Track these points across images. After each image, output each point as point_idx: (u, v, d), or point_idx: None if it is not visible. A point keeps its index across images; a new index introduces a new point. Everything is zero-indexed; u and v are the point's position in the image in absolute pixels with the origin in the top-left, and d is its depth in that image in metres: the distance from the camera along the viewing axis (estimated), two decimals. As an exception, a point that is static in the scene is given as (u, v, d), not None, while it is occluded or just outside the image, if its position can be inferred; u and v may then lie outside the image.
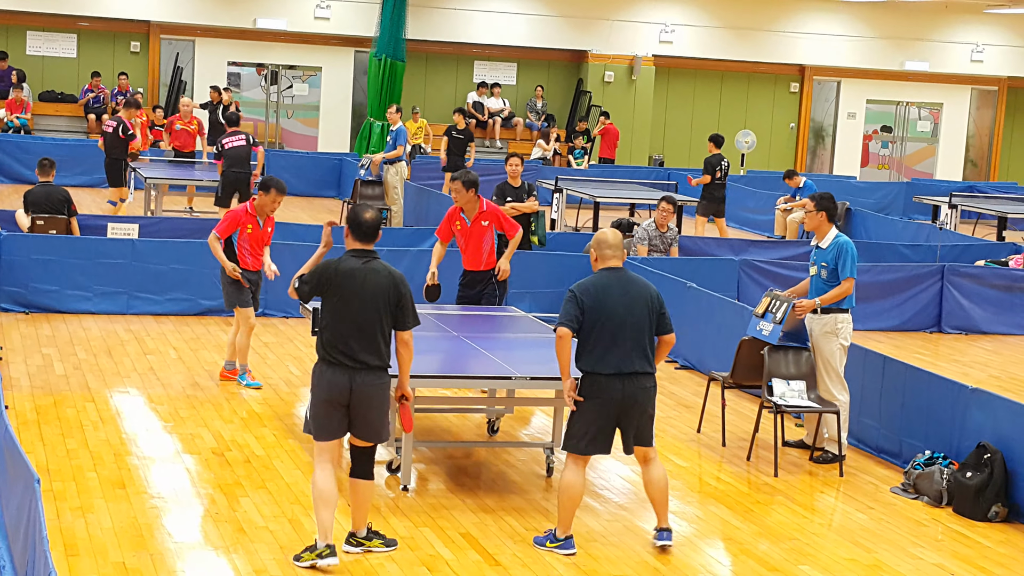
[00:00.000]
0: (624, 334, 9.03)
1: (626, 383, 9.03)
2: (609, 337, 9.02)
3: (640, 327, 9.08)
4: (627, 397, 9.04)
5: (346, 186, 26.28)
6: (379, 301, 8.63)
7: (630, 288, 9.15)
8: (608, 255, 9.25)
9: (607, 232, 9.37)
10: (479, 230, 12.88)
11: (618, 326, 9.03)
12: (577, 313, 9.03)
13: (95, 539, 8.84)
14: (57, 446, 10.77)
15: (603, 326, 9.02)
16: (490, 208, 12.93)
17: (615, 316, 9.04)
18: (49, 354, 13.83)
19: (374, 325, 8.63)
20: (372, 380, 8.66)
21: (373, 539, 8.96)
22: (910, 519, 10.42)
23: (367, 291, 8.63)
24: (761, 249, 20.14)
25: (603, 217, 24.26)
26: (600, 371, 9.03)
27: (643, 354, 9.09)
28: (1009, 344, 17.54)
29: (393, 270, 8.79)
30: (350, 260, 8.78)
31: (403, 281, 8.77)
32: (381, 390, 8.71)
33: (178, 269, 16.03)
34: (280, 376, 13.52)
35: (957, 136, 38.93)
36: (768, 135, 36.84)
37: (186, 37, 32.89)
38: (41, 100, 31.55)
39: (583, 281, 9.21)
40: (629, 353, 9.04)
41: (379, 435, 8.78)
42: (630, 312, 9.06)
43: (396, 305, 8.68)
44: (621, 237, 9.41)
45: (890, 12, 36.52)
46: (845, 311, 11.60)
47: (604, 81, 34.75)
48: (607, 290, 9.10)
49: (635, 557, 9.22)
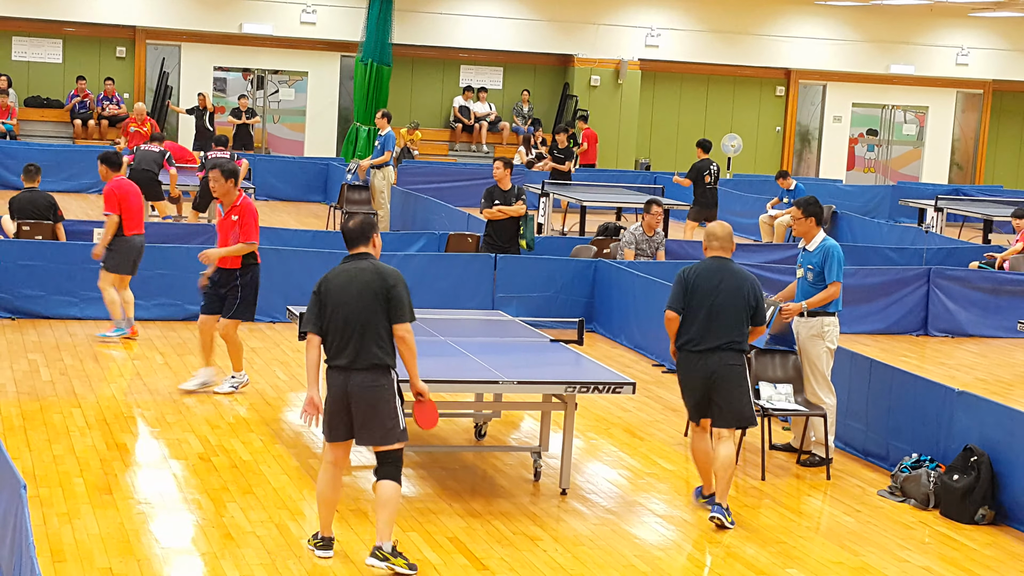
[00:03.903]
0: (719, 317, 9.97)
1: (711, 359, 9.95)
2: (705, 318, 9.97)
3: (735, 312, 9.99)
4: (709, 374, 9.96)
5: (332, 191, 26.25)
6: (367, 299, 8.60)
7: (730, 277, 10.08)
8: (715, 246, 10.22)
9: (717, 225, 10.35)
10: (228, 224, 12.76)
11: (714, 308, 9.97)
12: (682, 294, 10.06)
13: (81, 545, 8.82)
14: (43, 452, 10.75)
15: (700, 307, 10.00)
16: (244, 204, 12.76)
17: (712, 299, 9.98)
18: (35, 360, 13.80)
19: (365, 324, 8.59)
20: (367, 381, 8.60)
21: (399, 557, 8.68)
22: (897, 522, 10.44)
23: (354, 291, 8.62)
24: (748, 253, 20.15)
25: (590, 221, 24.28)
26: (691, 348, 10.02)
27: (734, 336, 9.97)
28: (995, 347, 17.58)
29: (382, 267, 8.72)
30: (339, 267, 8.80)
31: (392, 275, 8.67)
32: (378, 391, 8.61)
33: (164, 274, 16.00)
34: (267, 381, 13.50)
35: (943, 139, 39.00)
36: (754, 139, 36.88)
37: (172, 42, 32.84)
38: (27, 105, 31.50)
39: (690, 266, 10.26)
40: (721, 334, 9.94)
41: (384, 438, 8.63)
42: (727, 298, 9.98)
43: (386, 299, 8.61)
44: (730, 230, 10.40)
45: (875, 16, 36.58)
46: (832, 314, 11.61)
47: (590, 85, 34.76)
48: (709, 276, 10.06)
49: (622, 561, 9.22)
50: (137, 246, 14.75)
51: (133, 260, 14.76)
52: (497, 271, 16.71)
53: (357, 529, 9.44)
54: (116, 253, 14.60)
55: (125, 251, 14.66)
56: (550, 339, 11.82)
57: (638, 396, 13.33)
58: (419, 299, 13.51)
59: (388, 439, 8.64)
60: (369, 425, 8.64)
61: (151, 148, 21.83)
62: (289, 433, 11.84)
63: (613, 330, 16.55)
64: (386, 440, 8.64)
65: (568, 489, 10.58)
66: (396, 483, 8.67)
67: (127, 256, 14.69)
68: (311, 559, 8.82)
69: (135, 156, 21.81)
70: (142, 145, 22.55)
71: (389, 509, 8.67)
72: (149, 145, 22.08)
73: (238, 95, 32.36)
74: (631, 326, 16.15)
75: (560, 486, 10.58)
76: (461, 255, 17.37)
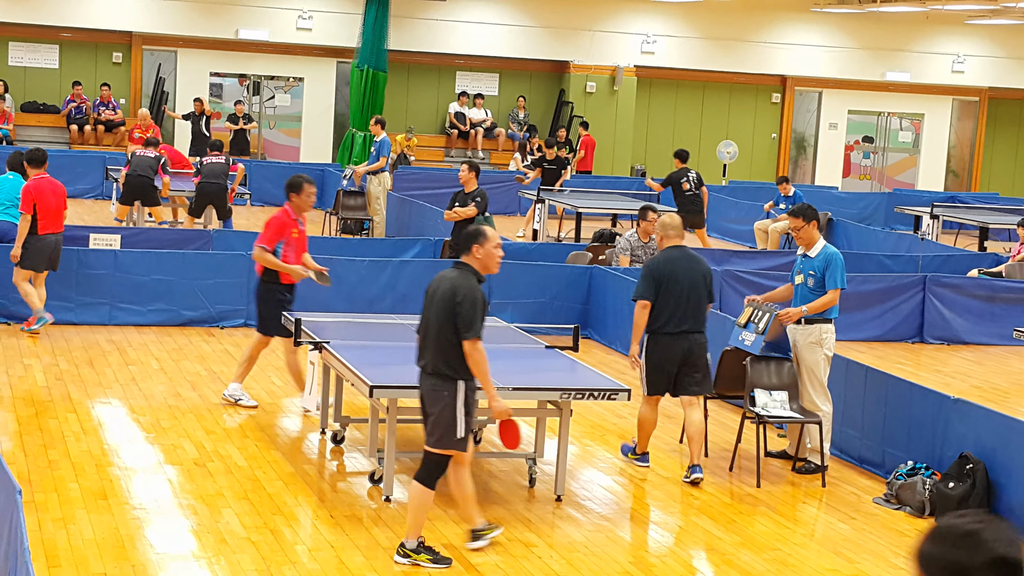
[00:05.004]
0: (690, 301, 11.05)
1: (684, 340, 11.07)
2: (675, 302, 11.00)
3: (699, 295, 11.12)
4: (686, 351, 11.06)
5: (328, 196, 26.25)
6: (439, 309, 8.86)
7: (691, 264, 11.15)
8: (672, 235, 11.29)
9: (668, 216, 11.51)
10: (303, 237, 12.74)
11: (682, 293, 11.02)
12: (654, 286, 11.01)
13: (77, 550, 8.81)
14: (39, 457, 10.74)
15: (670, 292, 11.01)
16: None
17: (682, 286, 11.04)
18: (31, 365, 13.79)
19: (437, 333, 8.85)
20: (428, 385, 8.92)
21: (422, 553, 8.92)
22: (892, 529, 10.44)
23: (435, 300, 8.94)
24: (743, 259, 20.17)
25: (585, 228, 24.28)
26: (670, 331, 11.04)
27: (701, 316, 11.15)
28: (991, 354, 17.58)
29: (460, 281, 8.89)
30: (440, 273, 9.19)
31: (463, 290, 8.82)
32: (436, 397, 8.86)
33: (160, 280, 16.01)
34: (263, 388, 13.50)
35: (938, 146, 39.04)
36: (750, 145, 36.91)
37: (168, 48, 32.86)
38: (23, 111, 31.51)
39: (655, 258, 11.21)
40: (689, 316, 11.05)
41: (438, 443, 8.86)
42: (693, 283, 11.07)
43: (454, 313, 8.80)
44: (681, 221, 11.47)
45: (871, 23, 36.63)
46: (829, 321, 11.61)
47: (586, 92, 34.80)
48: (675, 265, 11.08)
49: (617, 567, 9.22)
50: (51, 244, 15.09)
51: (48, 257, 15.12)
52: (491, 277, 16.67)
53: (352, 535, 9.44)
54: (29, 251, 15.00)
55: (37, 250, 15.04)
56: (545, 345, 11.82)
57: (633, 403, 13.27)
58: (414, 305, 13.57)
59: (439, 444, 8.88)
60: (429, 428, 8.95)
61: (146, 153, 21.81)
62: (284, 439, 11.83)
63: (608, 336, 16.55)
64: (438, 444, 8.89)
65: (563, 495, 10.58)
66: (422, 485, 8.91)
67: (39, 254, 15.06)
68: (306, 565, 8.82)
69: (131, 162, 21.86)
70: (137, 151, 22.52)
71: (411, 508, 9.01)
72: (144, 150, 22.06)
73: (234, 101, 32.38)
74: (626, 333, 16.10)
75: (555, 492, 10.59)
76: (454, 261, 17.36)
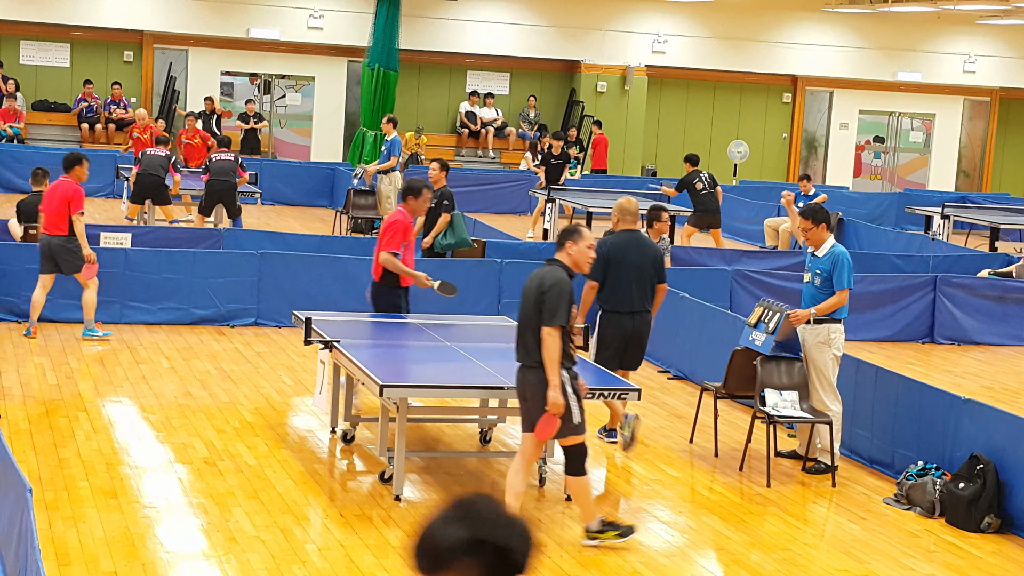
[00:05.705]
0: (640, 283, 11.69)
1: (636, 319, 11.74)
2: (625, 283, 11.62)
3: (649, 278, 11.74)
4: (635, 330, 11.73)
5: (339, 196, 26.28)
6: (528, 302, 9.16)
7: (643, 248, 11.77)
8: (628, 219, 11.84)
9: (626, 200, 12.00)
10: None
11: (632, 275, 11.62)
12: (602, 267, 11.43)
13: (87, 548, 8.83)
14: (49, 455, 10.76)
15: (620, 274, 11.59)
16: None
17: (634, 268, 11.63)
18: (41, 363, 13.82)
19: (526, 324, 9.17)
20: (522, 376, 9.26)
21: (607, 531, 9.38)
22: (902, 530, 10.42)
23: (526, 293, 9.20)
24: (753, 259, 20.15)
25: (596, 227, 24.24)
26: (620, 310, 11.69)
27: (649, 297, 11.79)
28: (1001, 355, 17.55)
29: (547, 272, 9.18)
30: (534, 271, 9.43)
31: (550, 279, 9.09)
32: (529, 385, 9.17)
33: (170, 279, 16.02)
34: (273, 386, 13.51)
35: (949, 147, 38.97)
36: (761, 145, 36.87)
37: (179, 47, 32.88)
38: (34, 109, 31.55)
39: (607, 239, 11.65)
40: (642, 297, 11.71)
41: (541, 431, 9.09)
42: (644, 266, 11.68)
43: (540, 303, 9.04)
44: (637, 204, 12.01)
45: (882, 23, 36.57)
46: (838, 321, 11.60)
47: (597, 91, 34.77)
48: (627, 247, 11.65)
49: (627, 567, 9.21)
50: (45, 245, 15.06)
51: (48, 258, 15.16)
52: (502, 276, 16.71)
53: (362, 534, 9.44)
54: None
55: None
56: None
57: (643, 402, 13.32)
58: (423, 304, 13.61)
59: (562, 435, 9.16)
60: (525, 411, 9.31)
61: (157, 152, 21.87)
62: (294, 438, 11.84)
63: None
64: (561, 435, 9.16)
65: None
66: (574, 476, 9.29)
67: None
68: (316, 564, 8.82)
69: (141, 160, 21.92)
70: (147, 150, 22.62)
71: (576, 499, 9.50)
72: (155, 149, 22.14)
73: (245, 100, 32.41)
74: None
75: (565, 492, 10.57)
76: (466, 260, 17.36)
